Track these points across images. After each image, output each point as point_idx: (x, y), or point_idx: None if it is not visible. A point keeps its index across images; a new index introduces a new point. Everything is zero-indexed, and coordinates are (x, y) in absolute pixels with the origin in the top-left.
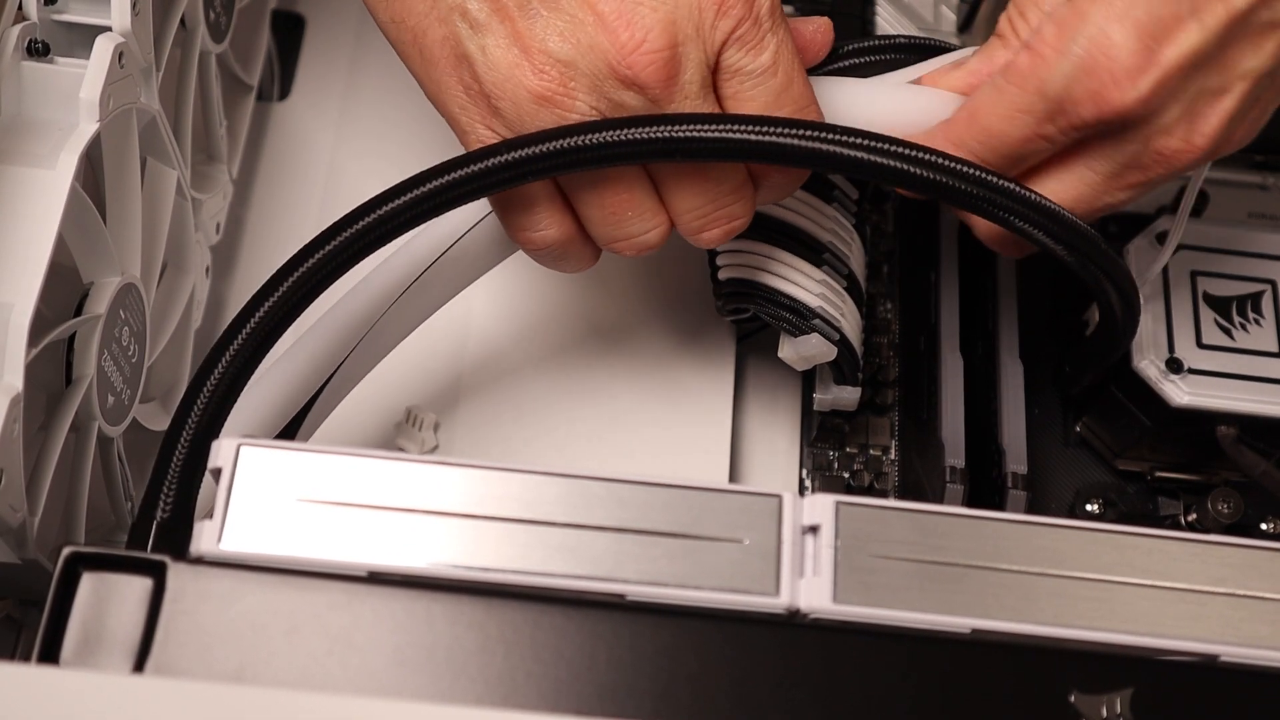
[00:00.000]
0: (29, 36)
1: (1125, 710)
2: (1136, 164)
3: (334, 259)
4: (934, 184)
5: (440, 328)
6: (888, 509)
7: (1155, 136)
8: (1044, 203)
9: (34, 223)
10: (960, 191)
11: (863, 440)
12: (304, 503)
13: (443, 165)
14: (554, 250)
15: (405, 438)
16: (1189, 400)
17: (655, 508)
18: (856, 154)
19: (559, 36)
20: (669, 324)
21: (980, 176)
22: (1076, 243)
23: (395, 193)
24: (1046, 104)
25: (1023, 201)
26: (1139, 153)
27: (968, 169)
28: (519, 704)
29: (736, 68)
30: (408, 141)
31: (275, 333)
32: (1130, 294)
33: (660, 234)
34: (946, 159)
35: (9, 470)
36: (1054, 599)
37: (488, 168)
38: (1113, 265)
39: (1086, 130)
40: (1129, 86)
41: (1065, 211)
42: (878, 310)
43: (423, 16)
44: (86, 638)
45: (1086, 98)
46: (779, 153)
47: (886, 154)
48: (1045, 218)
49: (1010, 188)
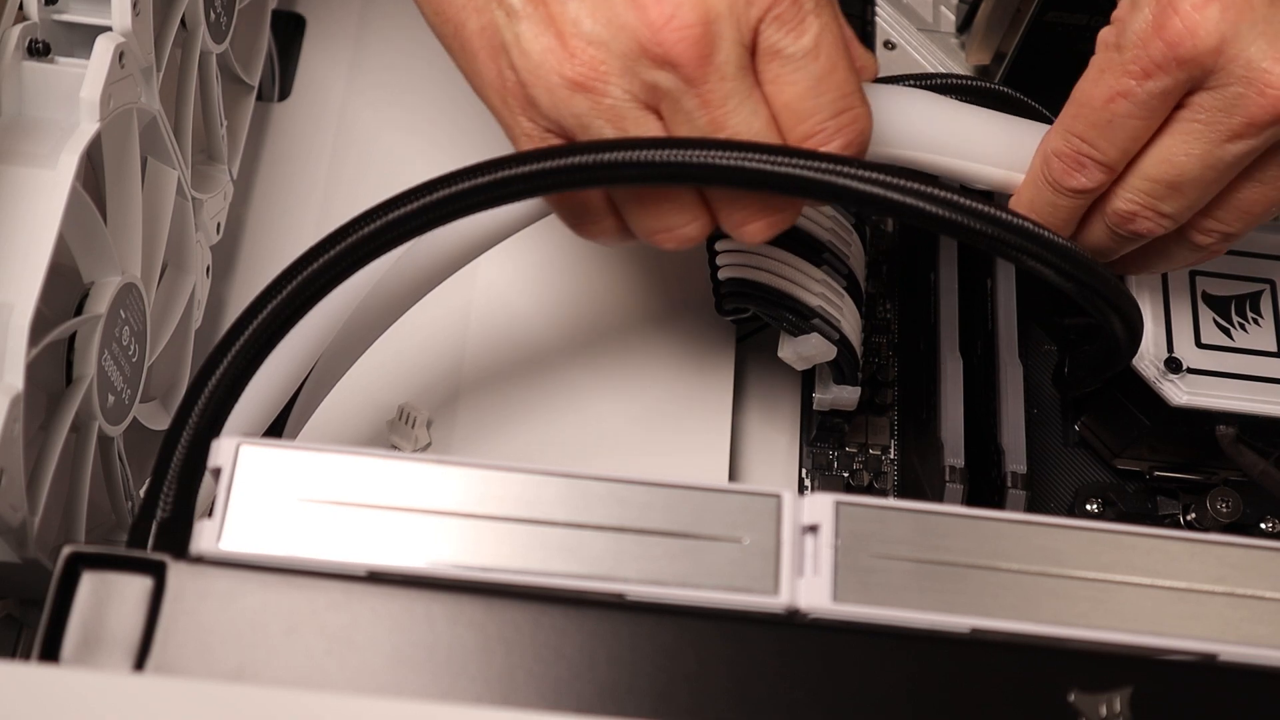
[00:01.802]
0: (29, 36)
1: (1125, 709)
2: (1239, 106)
3: (340, 262)
4: (946, 222)
5: (439, 326)
6: (887, 508)
7: (1249, 72)
8: (1042, 232)
9: (34, 223)
10: (970, 229)
11: (862, 440)
12: (304, 502)
13: (450, 175)
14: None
15: (398, 435)
16: (1188, 400)
17: (655, 507)
18: (859, 186)
19: (590, 16)
20: (669, 324)
21: (990, 214)
22: (1077, 271)
23: (403, 199)
24: (1122, 55)
25: (1013, 229)
26: (1239, 95)
27: (978, 207)
28: (519, 703)
29: (776, 49)
30: (408, 141)
31: (279, 334)
32: (1134, 321)
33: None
34: (958, 195)
35: (9, 470)
36: (1053, 598)
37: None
38: (1116, 293)
39: (1167, 76)
40: (1196, 16)
41: (1061, 239)
42: (877, 310)
43: (461, 8)
44: (87, 637)
45: (1155, 34)
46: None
47: (900, 190)
48: (1041, 247)
49: (1015, 223)
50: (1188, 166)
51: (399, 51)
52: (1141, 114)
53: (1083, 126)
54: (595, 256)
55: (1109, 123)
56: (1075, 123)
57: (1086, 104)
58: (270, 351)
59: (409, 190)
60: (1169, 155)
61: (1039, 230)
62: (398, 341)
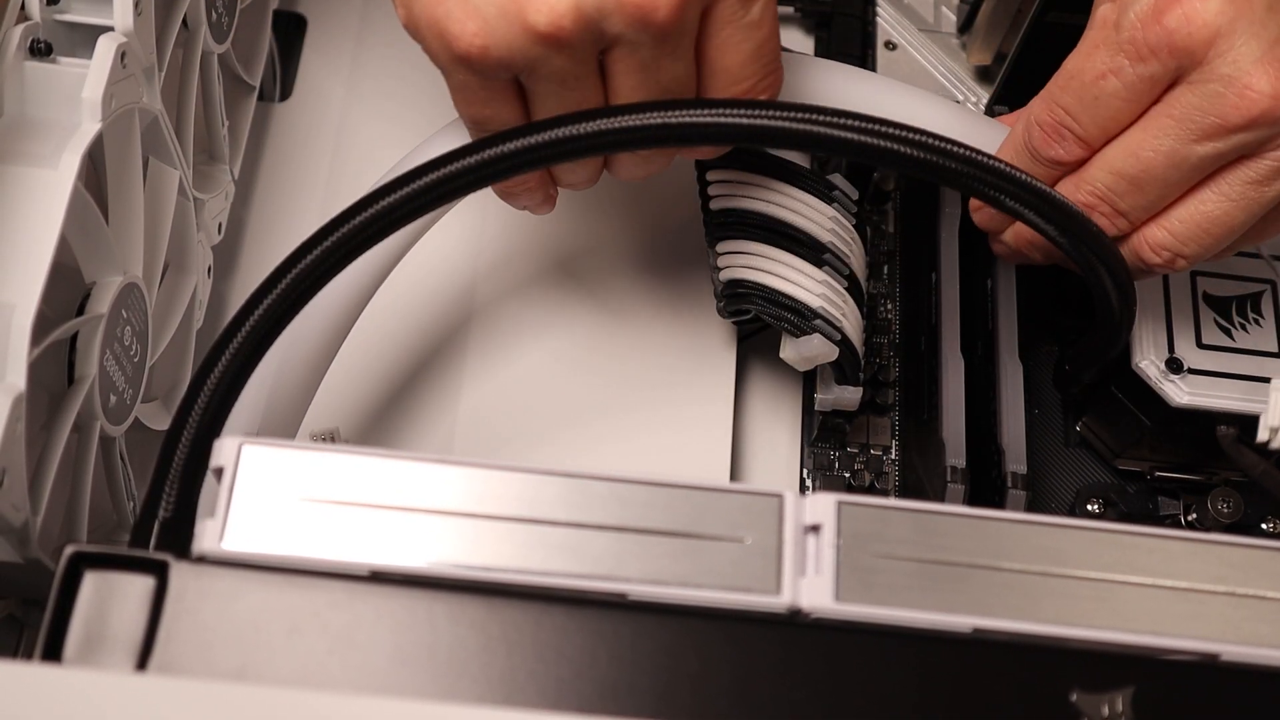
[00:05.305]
0: (31, 36)
1: (1126, 709)
2: (1214, 106)
3: (332, 255)
4: (923, 162)
5: (440, 326)
6: (889, 508)
7: (1233, 71)
8: (1035, 184)
9: (36, 223)
10: (949, 170)
11: (864, 440)
12: (306, 502)
13: (434, 160)
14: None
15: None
16: (1189, 400)
17: (657, 507)
18: (845, 134)
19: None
20: (670, 325)
21: (969, 155)
22: (1067, 224)
23: (390, 188)
24: (1119, 35)
25: (1013, 181)
26: (1217, 94)
27: (956, 148)
28: (521, 703)
29: (731, 17)
30: (409, 141)
31: (275, 330)
32: (1124, 279)
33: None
34: (936, 139)
35: (12, 470)
36: (1055, 598)
37: (481, 160)
38: (1104, 248)
39: (1158, 62)
40: (1197, 6)
41: (1055, 192)
42: (879, 310)
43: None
44: (89, 637)
45: (1154, 19)
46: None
47: (873, 133)
48: (1035, 197)
49: (1000, 167)
50: (1153, 162)
51: (400, 52)
52: (1127, 95)
53: (1069, 99)
54: (597, 257)
55: (1095, 99)
56: (1062, 94)
57: (1076, 77)
58: (269, 347)
59: (395, 178)
60: (1135, 149)
61: (1031, 180)
62: (403, 342)
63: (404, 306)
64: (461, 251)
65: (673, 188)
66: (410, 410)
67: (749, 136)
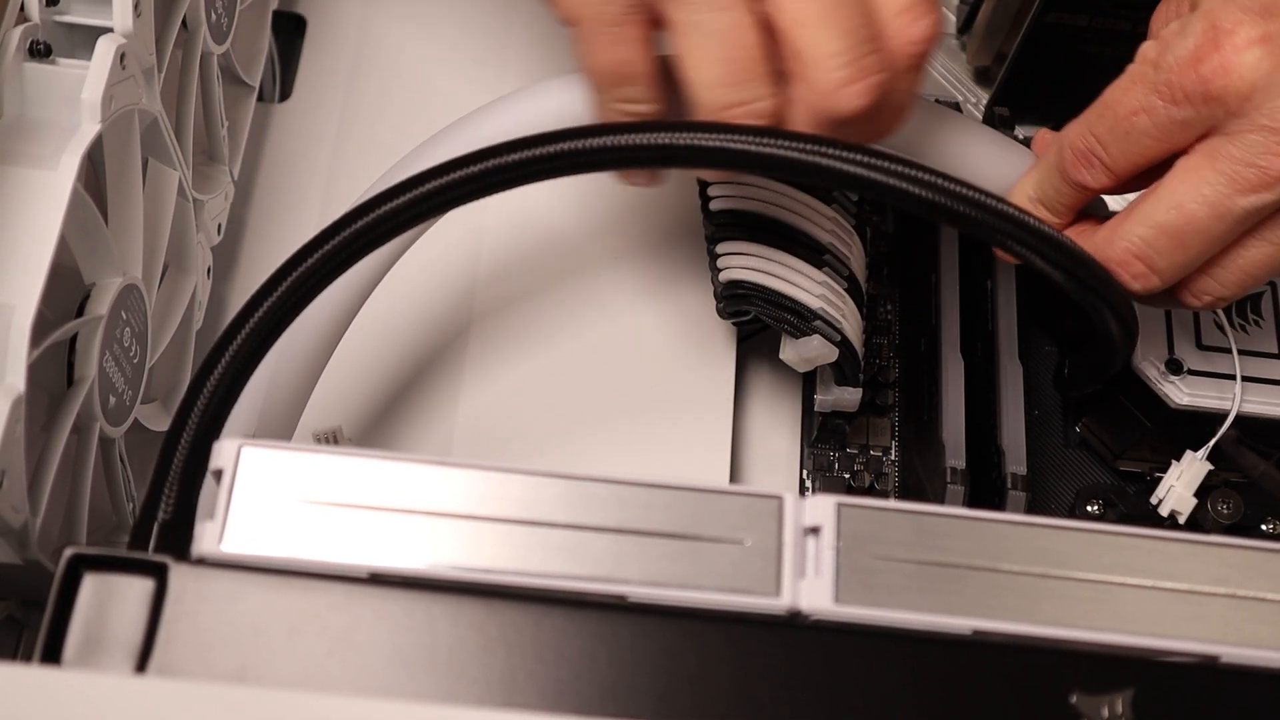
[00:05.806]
0: (31, 37)
1: (1126, 711)
2: (1259, 157)
3: (334, 257)
4: (931, 204)
5: (440, 327)
6: (889, 510)
7: (1273, 122)
8: (1039, 226)
9: (36, 224)
10: (955, 213)
11: (863, 441)
12: (305, 503)
13: (441, 166)
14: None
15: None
16: (1189, 401)
17: (656, 509)
18: (855, 170)
19: None
20: (669, 325)
21: (977, 199)
22: (1072, 266)
23: (395, 192)
24: (1157, 74)
25: (1015, 223)
26: (1259, 145)
27: (964, 190)
28: (520, 704)
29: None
30: (409, 142)
31: (276, 332)
32: (1129, 320)
33: None
34: (944, 179)
35: (11, 471)
36: (1055, 600)
37: (487, 169)
38: (1110, 290)
39: (1191, 108)
40: (1234, 58)
41: (1059, 235)
42: (878, 311)
43: None
44: (88, 638)
45: (1192, 65)
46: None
47: (885, 171)
48: (1038, 239)
49: (1002, 209)
50: (1197, 214)
51: (400, 52)
52: (1157, 134)
53: (1102, 129)
54: (597, 257)
55: (1125, 134)
56: (1097, 123)
57: (1111, 109)
58: (269, 348)
59: (400, 183)
60: (1179, 201)
61: (1037, 224)
62: (402, 341)
63: (404, 307)
64: (462, 252)
65: (673, 188)
66: (410, 411)
67: (757, 161)
